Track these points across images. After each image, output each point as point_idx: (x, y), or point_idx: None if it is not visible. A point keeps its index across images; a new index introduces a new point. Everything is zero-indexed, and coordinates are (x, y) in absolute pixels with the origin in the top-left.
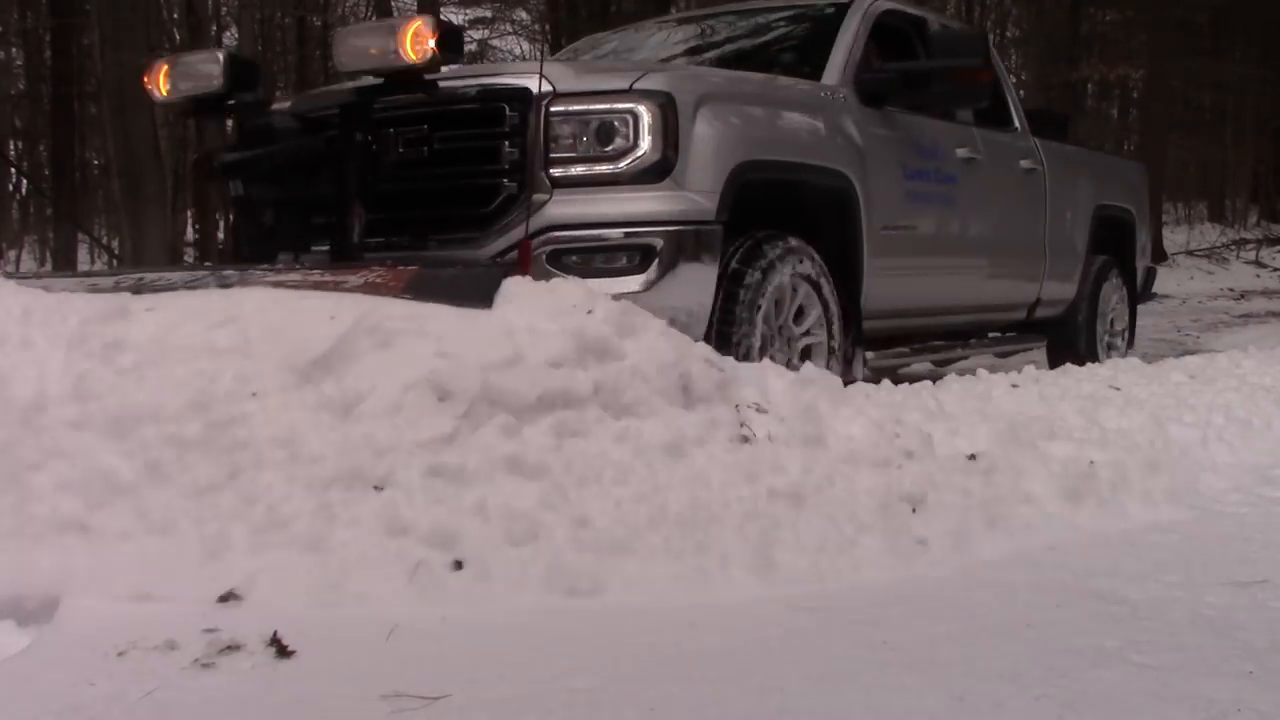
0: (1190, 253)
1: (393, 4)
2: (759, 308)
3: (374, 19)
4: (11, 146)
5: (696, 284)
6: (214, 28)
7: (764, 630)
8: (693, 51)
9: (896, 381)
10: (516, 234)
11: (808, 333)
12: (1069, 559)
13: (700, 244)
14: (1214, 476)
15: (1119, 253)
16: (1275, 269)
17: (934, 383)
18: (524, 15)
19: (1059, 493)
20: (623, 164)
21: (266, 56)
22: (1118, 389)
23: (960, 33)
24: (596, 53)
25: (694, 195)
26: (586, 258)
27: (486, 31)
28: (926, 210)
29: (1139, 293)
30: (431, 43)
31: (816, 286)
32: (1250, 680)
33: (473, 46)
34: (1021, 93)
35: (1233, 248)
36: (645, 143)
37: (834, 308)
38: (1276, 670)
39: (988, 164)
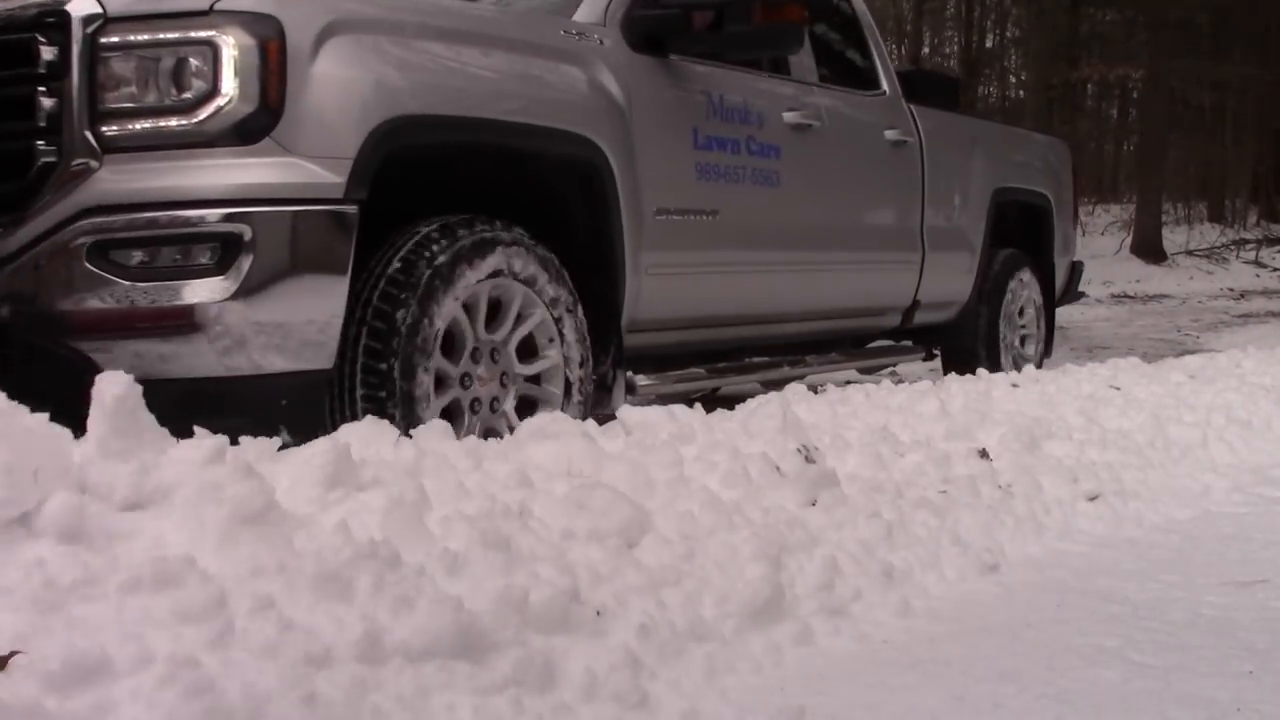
0: (1190, 253)
1: None
2: (429, 328)
3: None
4: None
5: (316, 293)
6: None
7: None
8: None
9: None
10: (48, 219)
11: (537, 353)
12: (1069, 558)
13: (321, 234)
14: (1214, 476)
15: (1032, 245)
16: (1275, 269)
17: (932, 384)
18: None
19: (1058, 492)
20: (200, 117)
21: None
22: (1118, 389)
23: None
24: None
25: (309, 162)
26: (149, 253)
27: None
28: (731, 190)
29: (1061, 293)
30: None
31: (541, 292)
32: (1250, 680)
33: None
34: (1021, 93)
35: (1233, 248)
36: (230, 86)
37: (572, 320)
38: (1276, 670)
39: (832, 133)
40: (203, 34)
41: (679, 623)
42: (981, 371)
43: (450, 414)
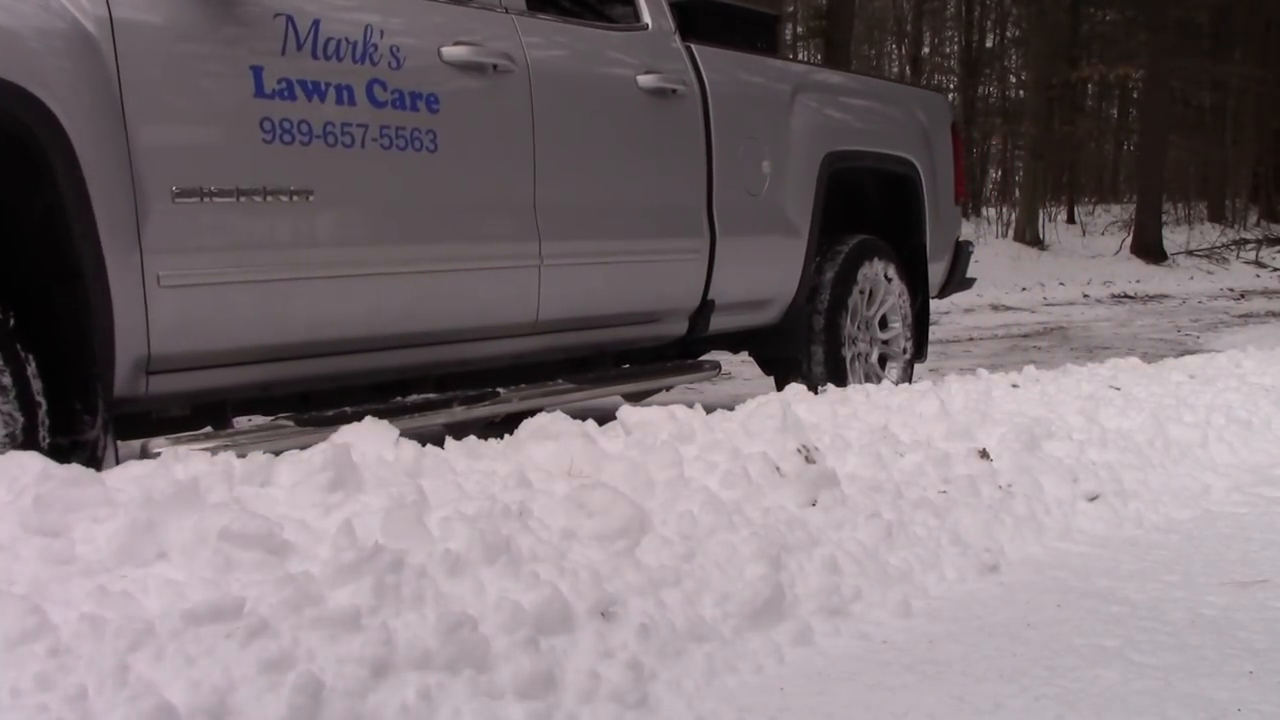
0: (1190, 253)
1: None
2: None
3: None
4: None
5: None
6: None
7: None
8: None
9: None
10: None
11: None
12: (1069, 558)
13: None
14: (1214, 476)
15: (895, 227)
16: (1275, 269)
17: (932, 384)
18: None
19: (1058, 492)
20: None
21: None
22: (1118, 389)
23: None
24: None
25: None
26: None
27: None
28: (340, 158)
29: (943, 282)
30: None
31: None
32: (1250, 680)
33: None
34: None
35: (1233, 248)
36: None
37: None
38: (1276, 670)
39: (540, 78)
40: None
41: (679, 623)
42: (981, 371)
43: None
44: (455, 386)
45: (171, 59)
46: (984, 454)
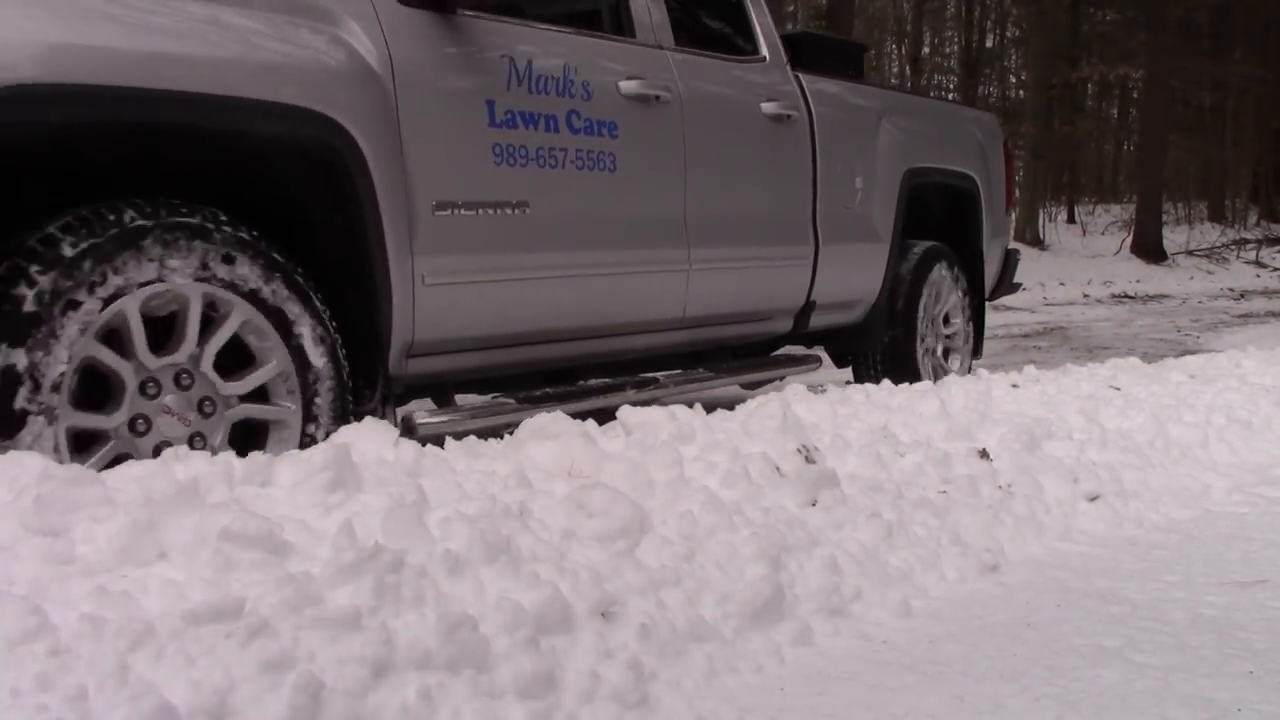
0: (1190, 253)
1: None
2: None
3: None
4: None
5: None
6: None
7: None
8: None
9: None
10: None
11: (260, 394)
12: (1069, 558)
13: None
14: (1214, 476)
15: (957, 234)
16: (1275, 269)
17: (932, 384)
18: None
19: (1058, 492)
20: None
21: None
22: (1118, 389)
23: None
24: None
25: None
26: None
27: None
28: (548, 177)
29: (994, 286)
30: None
31: (266, 307)
32: (1250, 680)
33: None
34: (1021, 93)
35: (1233, 248)
36: None
37: (316, 346)
38: (1276, 670)
39: (691, 107)
40: None
41: (679, 623)
42: (981, 371)
43: None
44: (603, 375)
45: (433, 92)
46: (984, 454)
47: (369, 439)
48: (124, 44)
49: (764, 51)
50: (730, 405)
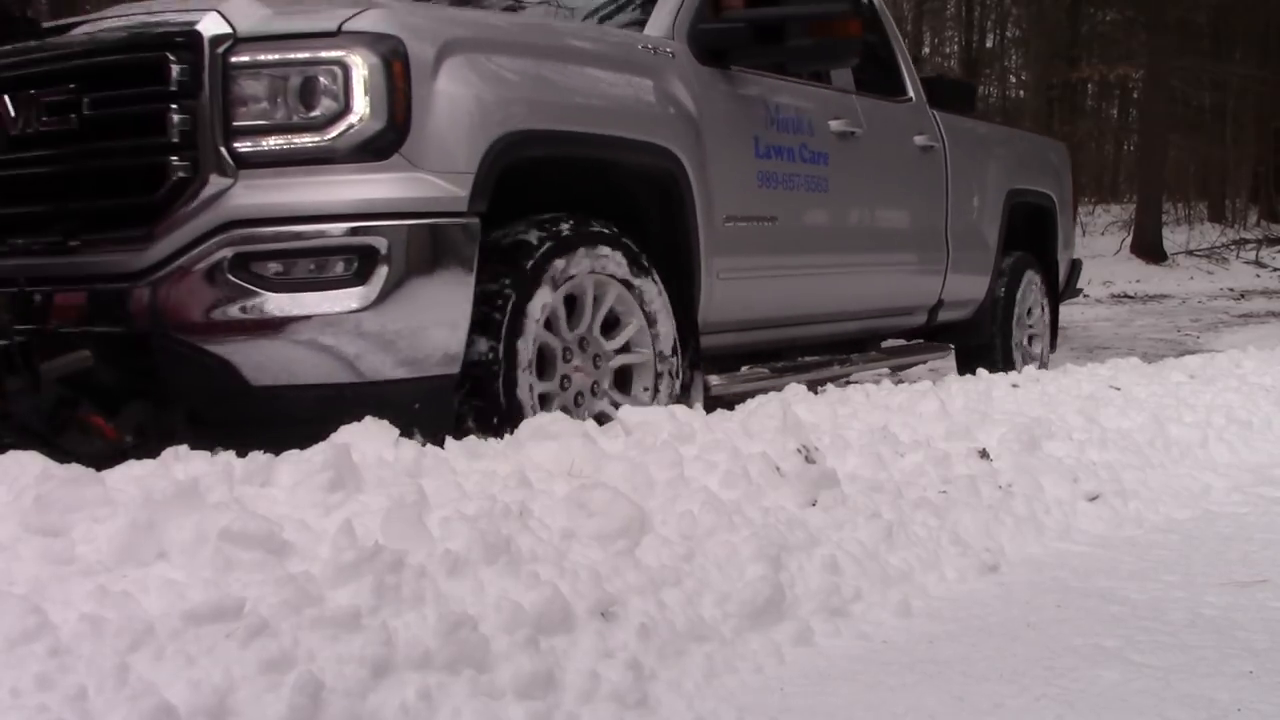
0: (1190, 253)
1: None
2: (529, 322)
3: None
4: None
5: (444, 298)
6: None
7: None
8: None
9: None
10: (187, 232)
11: (625, 348)
12: (1069, 558)
13: (447, 244)
14: (1214, 476)
15: (1038, 244)
16: (1275, 269)
17: (932, 384)
18: None
19: (1058, 492)
20: (332, 134)
21: None
22: (1118, 389)
23: None
24: None
25: (435, 178)
26: (285, 264)
27: None
28: (788, 196)
29: (1062, 290)
30: None
31: (634, 289)
32: (1250, 680)
33: None
34: (1021, 93)
35: (1233, 248)
36: (361, 105)
37: (663, 318)
38: (1276, 670)
39: (871, 140)
40: (332, 54)
41: (679, 623)
42: (981, 371)
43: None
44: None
45: (722, 129)
46: (984, 454)
47: (369, 439)
48: (562, 100)
49: (911, 93)
50: (731, 405)
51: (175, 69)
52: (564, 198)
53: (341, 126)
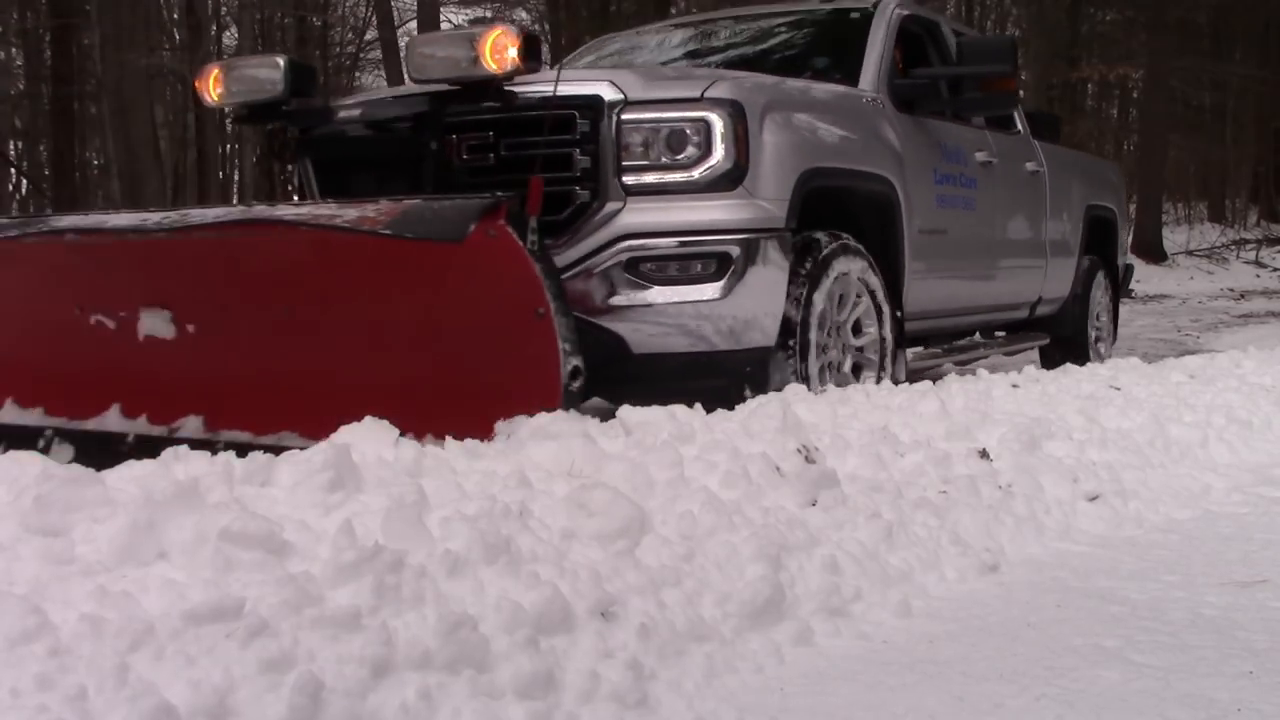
0: (1190, 253)
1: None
2: (815, 308)
3: (450, 27)
4: (11, 147)
5: (769, 291)
6: (214, 27)
7: None
8: (724, 54)
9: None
10: (591, 242)
11: (860, 330)
12: (1069, 558)
13: (772, 251)
14: (1214, 476)
15: (1104, 251)
16: (1275, 269)
17: (934, 382)
18: (524, 15)
19: (1058, 492)
20: (696, 172)
21: None
22: (1118, 389)
23: (990, 40)
24: (637, 55)
25: (765, 203)
26: (663, 265)
27: None
28: (953, 213)
29: (1118, 290)
30: (513, 52)
31: (870, 288)
32: (1250, 680)
33: None
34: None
35: (1233, 248)
36: (718, 151)
37: (885, 308)
38: (1276, 670)
39: (1000, 167)
40: (697, 114)
41: (679, 623)
42: (981, 371)
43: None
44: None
45: (915, 162)
46: (984, 454)
47: (369, 439)
48: (831, 143)
49: (1019, 127)
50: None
51: (582, 123)
52: (818, 217)
53: (704, 167)
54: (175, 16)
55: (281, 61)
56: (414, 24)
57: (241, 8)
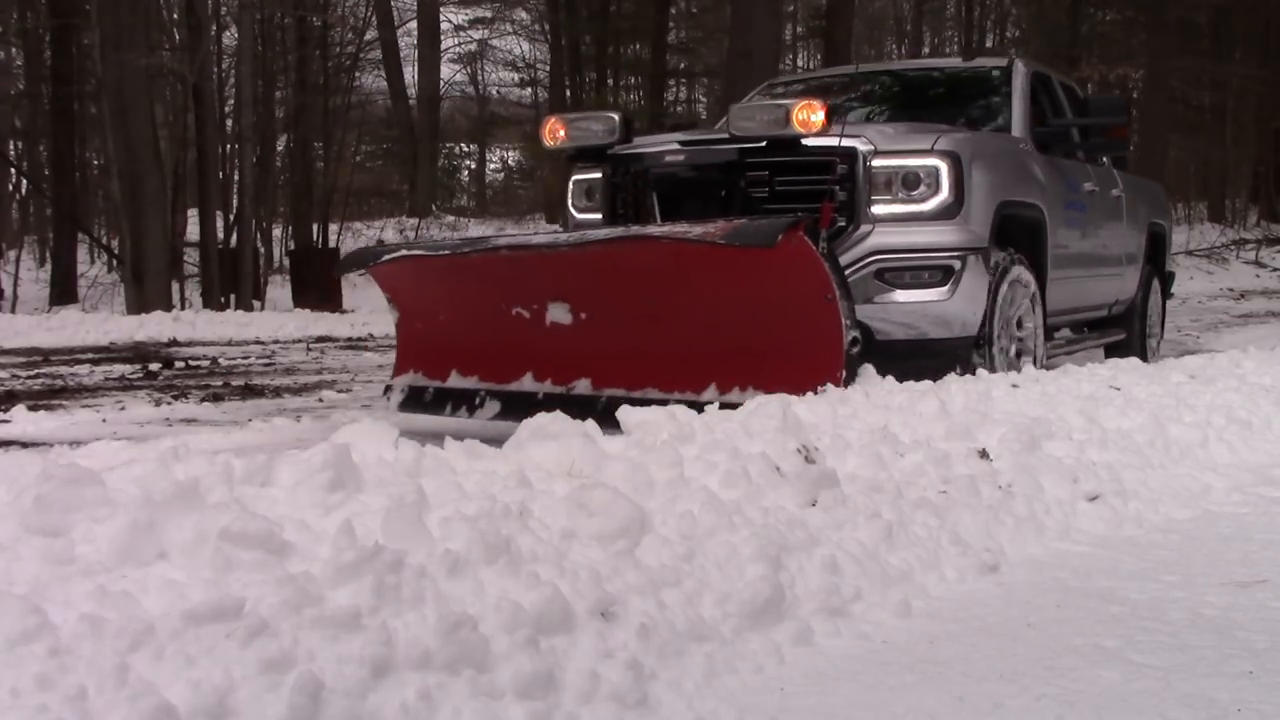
0: (1190, 253)
1: (392, 3)
2: (998, 306)
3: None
4: (11, 146)
5: (977, 294)
6: (214, 27)
7: None
8: (884, 103)
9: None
10: (848, 256)
11: (1022, 324)
12: (1069, 558)
13: (980, 264)
14: (1214, 476)
15: (1157, 260)
16: (1275, 269)
17: (932, 384)
18: (524, 15)
19: (1058, 492)
20: (926, 205)
21: (266, 56)
22: (1118, 389)
23: (1108, 98)
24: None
25: (975, 227)
26: (900, 274)
27: (486, 31)
28: (1075, 232)
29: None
30: (820, 115)
31: (1030, 288)
32: (1250, 680)
33: (472, 46)
34: None
35: (1233, 248)
36: (944, 189)
37: (1039, 307)
38: (1276, 670)
39: (1099, 194)
40: (929, 161)
41: (679, 623)
42: (981, 371)
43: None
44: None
45: (1052, 192)
46: (984, 454)
47: (369, 439)
48: (1012, 180)
49: (1104, 159)
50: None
51: (840, 167)
52: (998, 237)
53: (934, 201)
54: (175, 16)
55: (617, 117)
56: (414, 24)
57: (241, 8)
